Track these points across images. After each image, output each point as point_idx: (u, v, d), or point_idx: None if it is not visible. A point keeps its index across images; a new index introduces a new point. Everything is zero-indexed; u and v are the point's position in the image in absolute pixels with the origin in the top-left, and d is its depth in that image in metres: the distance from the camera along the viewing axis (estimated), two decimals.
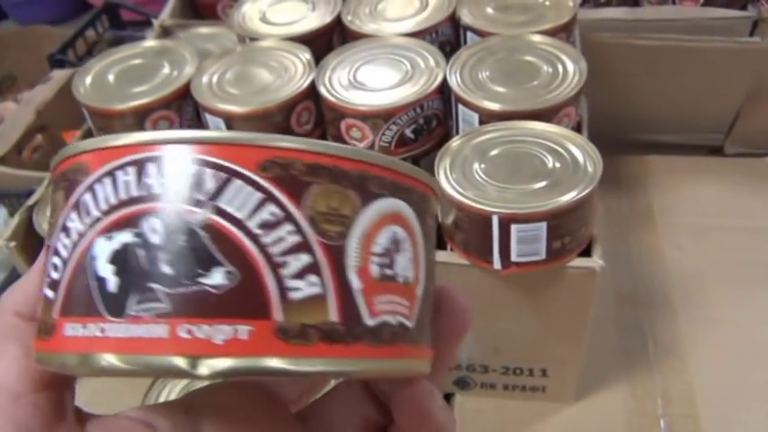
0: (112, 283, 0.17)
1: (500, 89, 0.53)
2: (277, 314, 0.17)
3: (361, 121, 0.54)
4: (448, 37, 0.62)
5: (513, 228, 0.44)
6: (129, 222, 0.17)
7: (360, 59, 0.58)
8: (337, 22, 0.63)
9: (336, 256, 0.18)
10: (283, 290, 0.17)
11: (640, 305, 0.65)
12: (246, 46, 0.63)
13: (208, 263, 0.17)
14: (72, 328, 0.18)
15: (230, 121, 0.56)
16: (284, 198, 0.17)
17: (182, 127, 0.60)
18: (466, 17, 0.61)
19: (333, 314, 0.18)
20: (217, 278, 0.17)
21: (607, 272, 0.46)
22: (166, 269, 0.17)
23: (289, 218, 0.17)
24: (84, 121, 0.63)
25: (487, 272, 0.47)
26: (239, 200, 0.17)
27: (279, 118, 0.56)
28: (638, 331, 0.63)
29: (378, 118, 0.54)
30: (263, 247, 0.17)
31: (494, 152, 0.48)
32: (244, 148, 0.17)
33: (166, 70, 0.60)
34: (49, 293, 0.19)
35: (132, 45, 0.64)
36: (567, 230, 0.44)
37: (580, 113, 0.55)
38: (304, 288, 0.17)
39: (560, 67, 0.54)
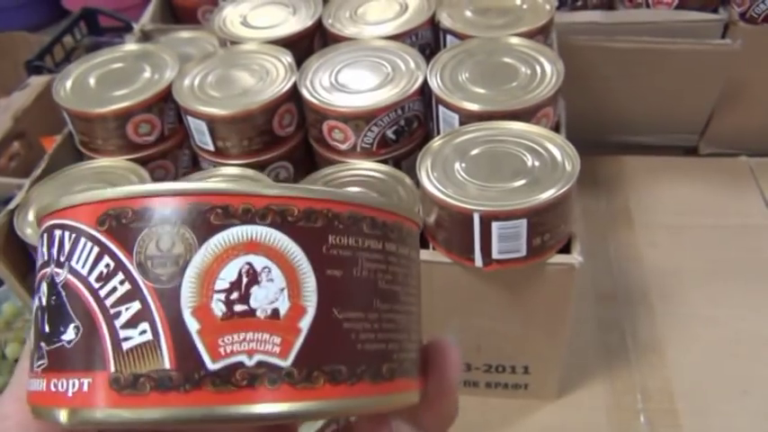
0: (32, 341, 0.20)
1: (479, 90, 0.54)
2: (111, 365, 0.17)
3: (343, 122, 0.55)
4: (427, 40, 0.63)
5: (494, 225, 0.44)
6: (37, 288, 0.20)
7: (341, 62, 0.59)
8: (318, 26, 0.64)
9: (168, 300, 0.17)
10: (116, 340, 0.18)
11: (619, 302, 0.66)
12: (228, 49, 0.63)
13: (66, 319, 0.18)
14: None
15: (213, 124, 0.56)
16: (116, 248, 0.18)
17: (162, 132, 0.60)
18: (445, 20, 0.62)
19: (166, 361, 0.17)
20: (70, 333, 0.18)
21: (586, 270, 0.47)
22: (46, 328, 0.19)
23: (120, 267, 0.18)
24: (62, 127, 0.63)
25: (469, 270, 0.48)
26: (83, 257, 0.18)
27: (261, 120, 0.56)
28: (617, 328, 0.64)
29: (360, 119, 0.54)
30: (100, 300, 0.18)
31: (474, 152, 0.49)
32: (84, 206, 0.18)
33: (147, 74, 0.60)
34: None
35: (113, 49, 0.64)
36: (546, 227, 0.45)
37: (558, 114, 0.56)
38: (135, 336, 0.17)
39: (538, 69, 0.55)
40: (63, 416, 0.18)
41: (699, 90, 0.75)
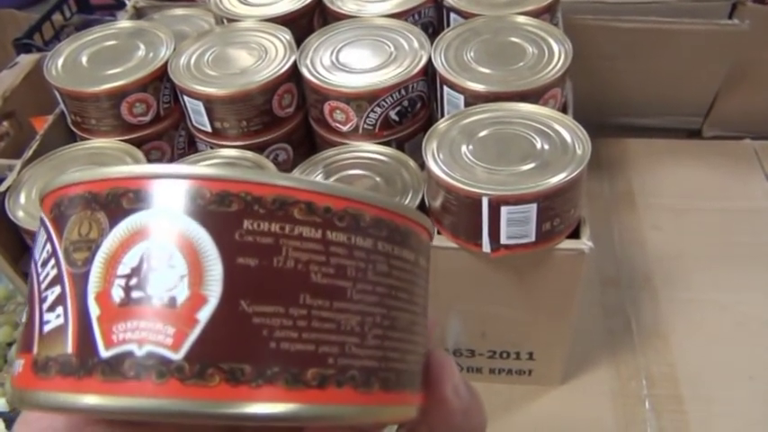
0: None
1: (485, 70, 0.52)
2: (35, 347, 0.18)
3: (345, 103, 0.53)
4: (431, 18, 0.62)
5: (504, 210, 0.43)
6: None
7: (342, 41, 0.57)
8: (318, 3, 0.62)
9: (80, 284, 0.17)
10: (41, 323, 0.18)
11: (623, 287, 0.65)
12: (225, 27, 0.61)
13: (25, 306, 0.19)
14: None
15: (210, 104, 0.54)
16: (54, 234, 0.18)
17: (158, 112, 0.58)
18: None
19: (69, 345, 0.17)
20: (24, 318, 0.19)
21: (591, 256, 0.46)
22: None
23: (53, 253, 0.18)
24: (53, 107, 0.61)
25: (476, 255, 0.47)
26: (38, 245, 0.19)
27: (260, 100, 0.55)
28: (622, 313, 0.63)
29: (362, 100, 0.53)
30: (39, 285, 0.18)
31: (482, 134, 0.47)
32: (46, 197, 0.19)
33: (142, 52, 0.58)
34: None
35: (105, 26, 0.62)
36: (556, 212, 0.44)
37: (565, 95, 0.55)
38: (52, 320, 0.17)
39: (545, 49, 0.53)
40: (11, 396, 0.18)
41: (704, 72, 0.74)
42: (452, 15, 0.60)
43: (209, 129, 0.56)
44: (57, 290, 0.17)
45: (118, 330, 0.17)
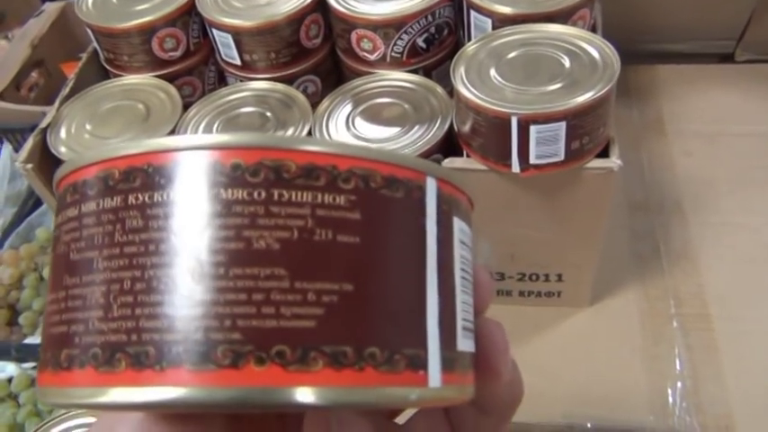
0: None
1: None
2: None
3: (372, 31, 0.54)
4: None
5: (533, 129, 0.44)
6: None
7: None
8: None
9: None
10: None
11: (652, 211, 0.66)
12: None
13: None
14: None
15: (238, 36, 0.55)
16: None
17: (188, 47, 0.59)
18: None
19: None
20: None
21: (620, 180, 0.46)
22: None
23: None
24: (80, 53, 0.62)
25: (505, 176, 0.47)
26: None
27: (287, 31, 0.55)
28: (650, 237, 0.64)
29: (389, 27, 0.53)
30: None
31: (510, 55, 0.48)
32: None
33: None
34: None
35: None
36: (585, 130, 0.44)
37: (594, 17, 0.54)
38: None
39: None
40: None
41: None
42: None
43: (238, 62, 0.57)
44: None
45: None
